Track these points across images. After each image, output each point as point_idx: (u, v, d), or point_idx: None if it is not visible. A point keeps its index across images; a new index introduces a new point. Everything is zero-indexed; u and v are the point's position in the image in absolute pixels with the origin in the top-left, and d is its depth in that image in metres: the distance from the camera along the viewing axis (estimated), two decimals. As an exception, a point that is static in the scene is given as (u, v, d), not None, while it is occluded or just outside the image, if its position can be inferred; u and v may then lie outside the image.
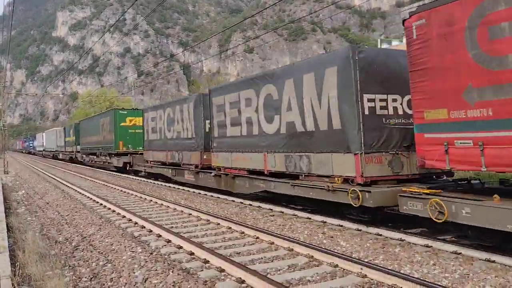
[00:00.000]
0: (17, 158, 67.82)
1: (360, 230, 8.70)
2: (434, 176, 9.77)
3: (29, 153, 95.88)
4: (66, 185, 20.55)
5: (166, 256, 7.29)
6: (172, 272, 6.28)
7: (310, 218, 10.15)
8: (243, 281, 5.83)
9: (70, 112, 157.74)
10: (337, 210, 9.95)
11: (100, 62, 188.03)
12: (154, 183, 20.77)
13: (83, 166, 38.58)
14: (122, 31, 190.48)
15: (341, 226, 9.20)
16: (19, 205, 14.68)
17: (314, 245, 7.47)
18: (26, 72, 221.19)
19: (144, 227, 9.82)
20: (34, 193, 18.21)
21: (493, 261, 6.31)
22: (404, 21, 7.89)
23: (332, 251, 7.10)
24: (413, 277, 5.61)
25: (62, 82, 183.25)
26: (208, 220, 10.43)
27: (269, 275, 6.11)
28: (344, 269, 6.24)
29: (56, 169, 35.91)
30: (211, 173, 15.31)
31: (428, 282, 5.42)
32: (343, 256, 6.69)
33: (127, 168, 27.02)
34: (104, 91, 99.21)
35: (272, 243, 7.92)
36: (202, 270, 6.46)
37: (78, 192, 17.63)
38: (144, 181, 22.15)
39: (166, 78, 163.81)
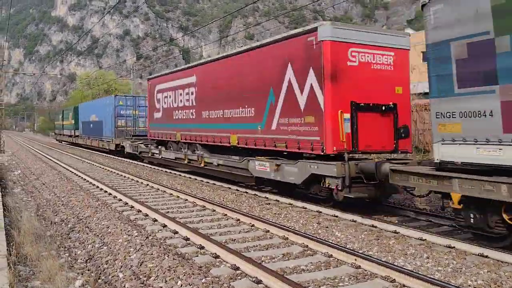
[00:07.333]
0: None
1: (355, 221, 8.74)
2: None
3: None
4: (63, 167, 20.53)
5: (162, 241, 7.32)
6: (168, 256, 6.30)
7: (305, 208, 10.20)
8: (237, 268, 5.87)
9: (67, 93, 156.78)
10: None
11: (99, 43, 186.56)
12: (150, 167, 20.78)
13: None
14: (122, 13, 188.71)
15: (336, 216, 9.25)
16: (15, 185, 14.68)
17: (309, 235, 7.51)
18: (24, 51, 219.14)
19: (140, 211, 9.85)
20: (30, 173, 18.19)
21: (486, 256, 6.36)
22: None
23: (326, 241, 7.14)
24: (406, 269, 5.66)
25: (60, 62, 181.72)
26: (204, 206, 10.46)
27: (263, 262, 6.15)
28: (338, 259, 6.29)
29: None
30: None
31: (421, 274, 5.47)
32: (338, 246, 6.73)
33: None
34: (103, 73, 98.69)
35: (267, 231, 7.96)
36: (197, 256, 6.49)
37: (75, 174, 17.63)
38: (140, 164, 22.16)
39: (165, 62, 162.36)
